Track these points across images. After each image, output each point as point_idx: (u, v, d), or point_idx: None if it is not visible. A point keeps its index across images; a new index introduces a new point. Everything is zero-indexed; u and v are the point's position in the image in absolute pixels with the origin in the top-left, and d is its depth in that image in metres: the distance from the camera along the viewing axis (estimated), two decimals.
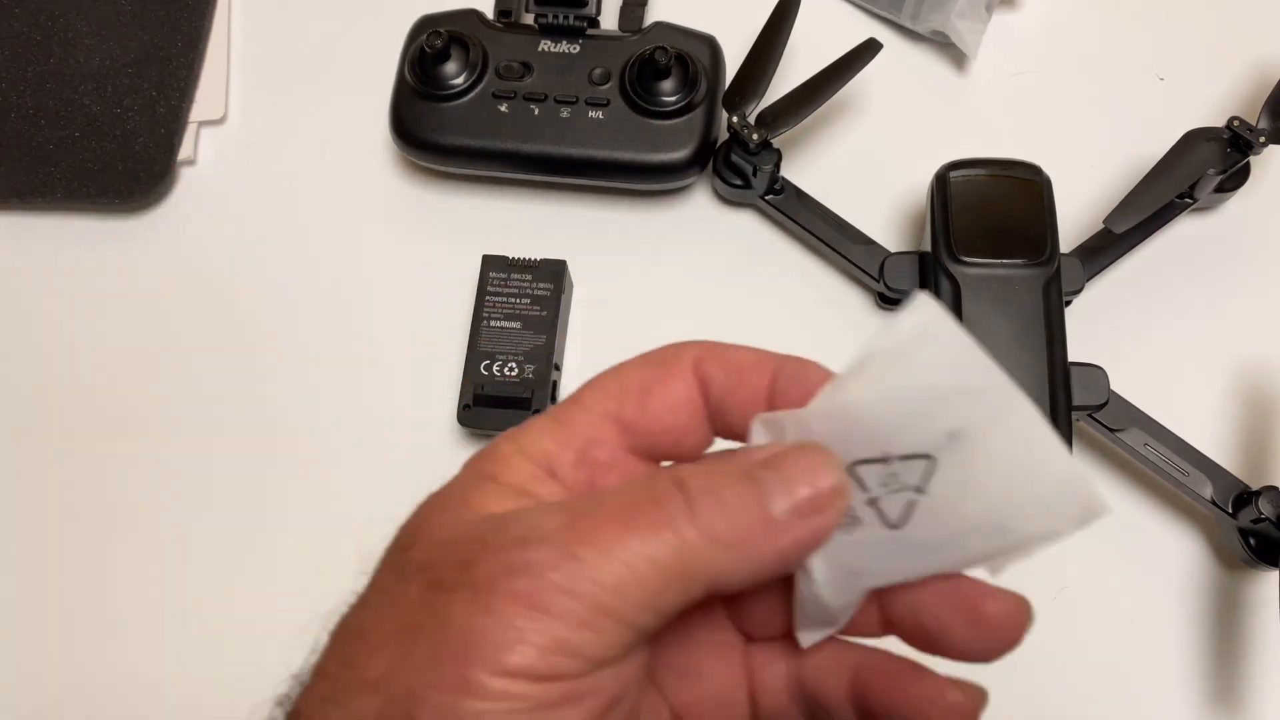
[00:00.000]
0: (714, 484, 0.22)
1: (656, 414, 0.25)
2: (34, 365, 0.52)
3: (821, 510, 0.22)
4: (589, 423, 0.25)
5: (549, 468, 0.24)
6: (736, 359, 0.25)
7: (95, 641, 0.48)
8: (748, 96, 0.51)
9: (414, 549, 0.23)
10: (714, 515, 0.21)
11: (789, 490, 0.22)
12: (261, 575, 0.48)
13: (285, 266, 0.54)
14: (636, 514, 0.21)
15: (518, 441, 0.24)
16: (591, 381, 0.25)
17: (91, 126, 0.55)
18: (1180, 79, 0.56)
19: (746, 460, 0.23)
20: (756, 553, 0.22)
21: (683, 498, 0.22)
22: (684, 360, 0.25)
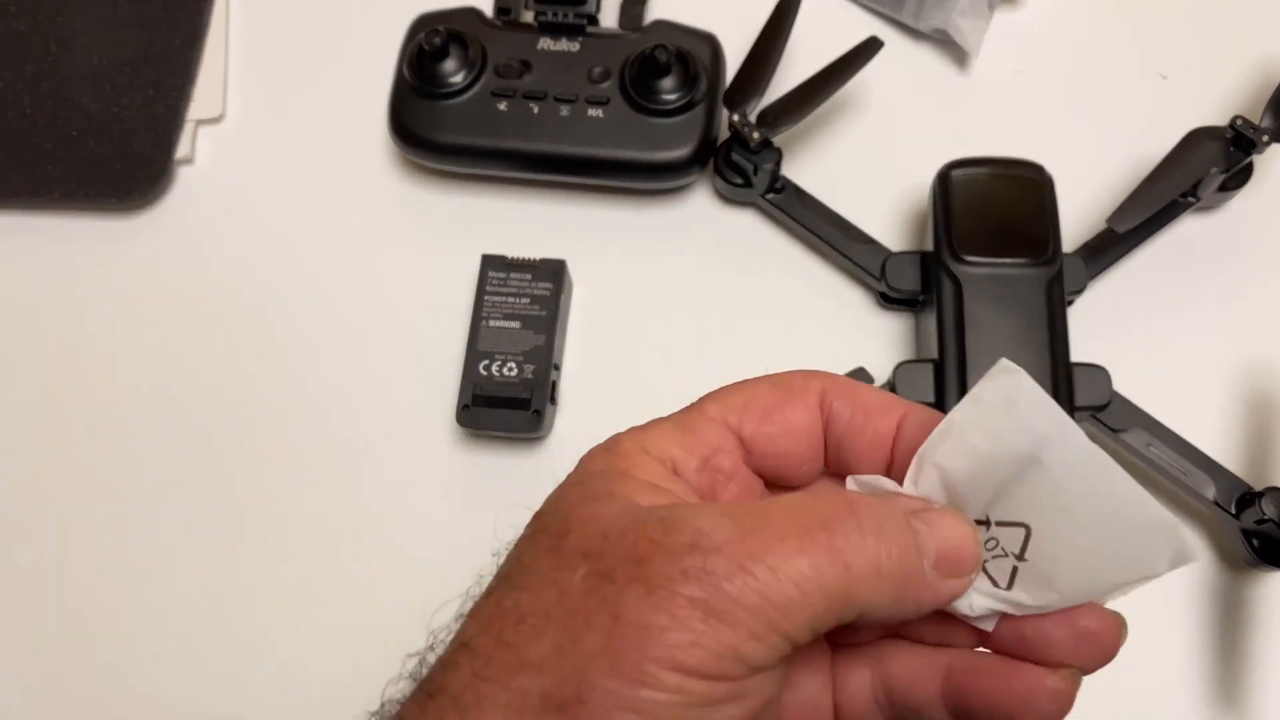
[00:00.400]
0: (883, 520, 0.23)
1: (777, 437, 0.26)
2: (32, 365, 0.52)
3: (961, 575, 0.24)
4: (713, 433, 0.26)
5: (674, 469, 0.25)
6: (865, 400, 0.26)
7: (95, 638, 0.47)
8: (749, 95, 0.50)
9: (571, 536, 0.23)
10: (882, 551, 0.23)
11: (939, 548, 0.24)
12: (260, 574, 0.48)
13: (283, 266, 0.54)
14: (808, 536, 0.22)
15: (642, 442, 0.25)
16: (717, 393, 0.27)
17: (89, 125, 0.55)
18: (1183, 78, 0.56)
19: (907, 505, 0.24)
20: (911, 597, 0.24)
21: (855, 524, 0.23)
22: (811, 390, 0.26)
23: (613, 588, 0.22)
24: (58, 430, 0.51)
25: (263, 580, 0.48)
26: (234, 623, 0.47)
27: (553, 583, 0.23)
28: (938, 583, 0.24)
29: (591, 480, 0.25)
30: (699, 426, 0.26)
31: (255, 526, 0.49)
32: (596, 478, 0.25)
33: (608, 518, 0.23)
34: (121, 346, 0.52)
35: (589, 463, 0.26)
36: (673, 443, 0.25)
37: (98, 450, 0.50)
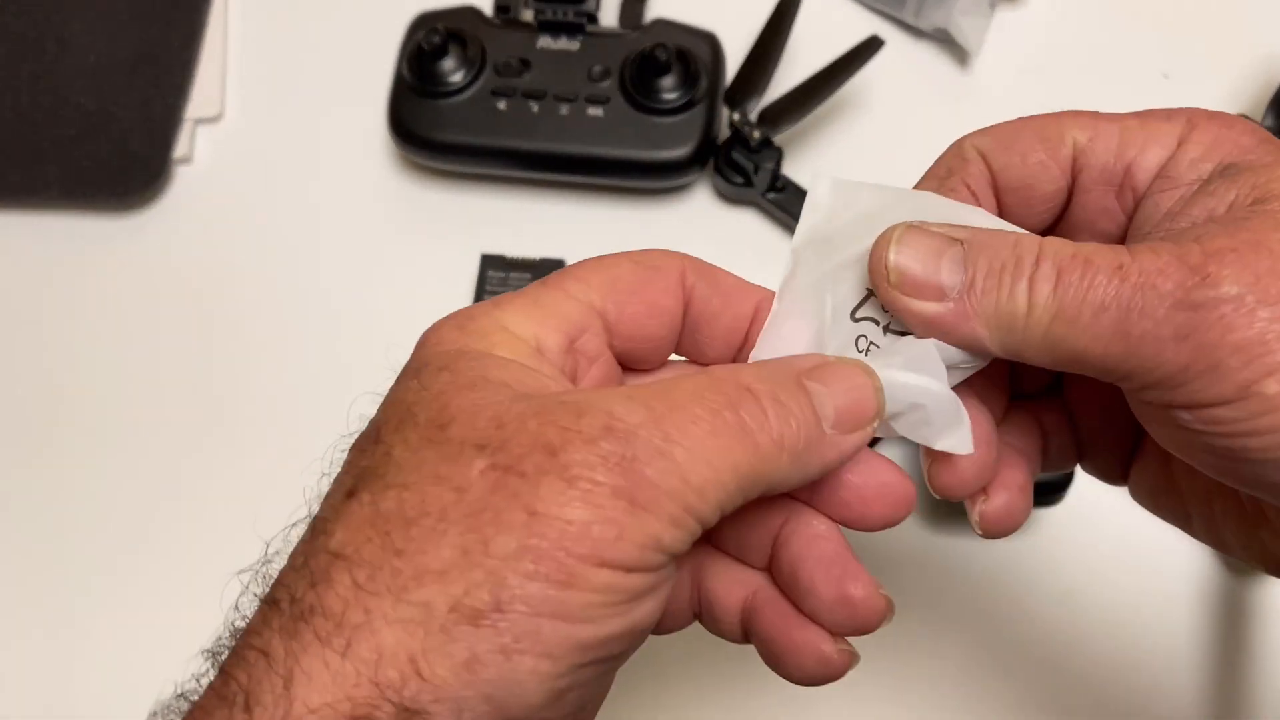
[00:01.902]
0: (778, 392, 0.22)
1: (642, 319, 0.25)
2: (29, 364, 0.52)
3: (861, 427, 0.23)
4: (577, 312, 0.24)
5: (538, 349, 0.24)
6: (724, 283, 0.26)
7: (94, 636, 0.47)
8: (749, 94, 0.50)
9: (454, 426, 0.21)
10: (784, 425, 0.22)
11: (836, 406, 0.23)
12: None
13: (282, 265, 0.53)
14: (718, 417, 0.21)
15: (499, 319, 0.24)
16: (575, 270, 0.25)
17: (87, 124, 0.55)
18: (1185, 77, 0.56)
19: (799, 366, 0.23)
20: (813, 462, 0.23)
21: (756, 404, 0.22)
22: (673, 269, 0.25)
23: (523, 481, 0.20)
24: (55, 429, 0.51)
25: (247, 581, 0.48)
26: None
27: (443, 479, 0.20)
28: (839, 440, 0.23)
29: (458, 364, 0.22)
30: (561, 306, 0.24)
31: (254, 526, 0.49)
32: (461, 360, 0.22)
33: (498, 405, 0.21)
34: (119, 345, 0.52)
35: (439, 342, 0.23)
36: (533, 321, 0.24)
37: (96, 449, 0.50)
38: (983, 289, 0.23)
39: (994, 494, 0.27)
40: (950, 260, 0.23)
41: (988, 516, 0.26)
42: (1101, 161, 0.25)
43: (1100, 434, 0.29)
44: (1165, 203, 0.24)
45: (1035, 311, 0.22)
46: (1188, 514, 0.28)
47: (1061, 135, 0.25)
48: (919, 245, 0.24)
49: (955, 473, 0.26)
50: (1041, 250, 0.23)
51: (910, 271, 0.23)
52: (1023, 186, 0.25)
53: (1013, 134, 0.26)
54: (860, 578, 0.24)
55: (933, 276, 0.23)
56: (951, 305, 0.23)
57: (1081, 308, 0.22)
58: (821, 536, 0.25)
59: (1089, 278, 0.22)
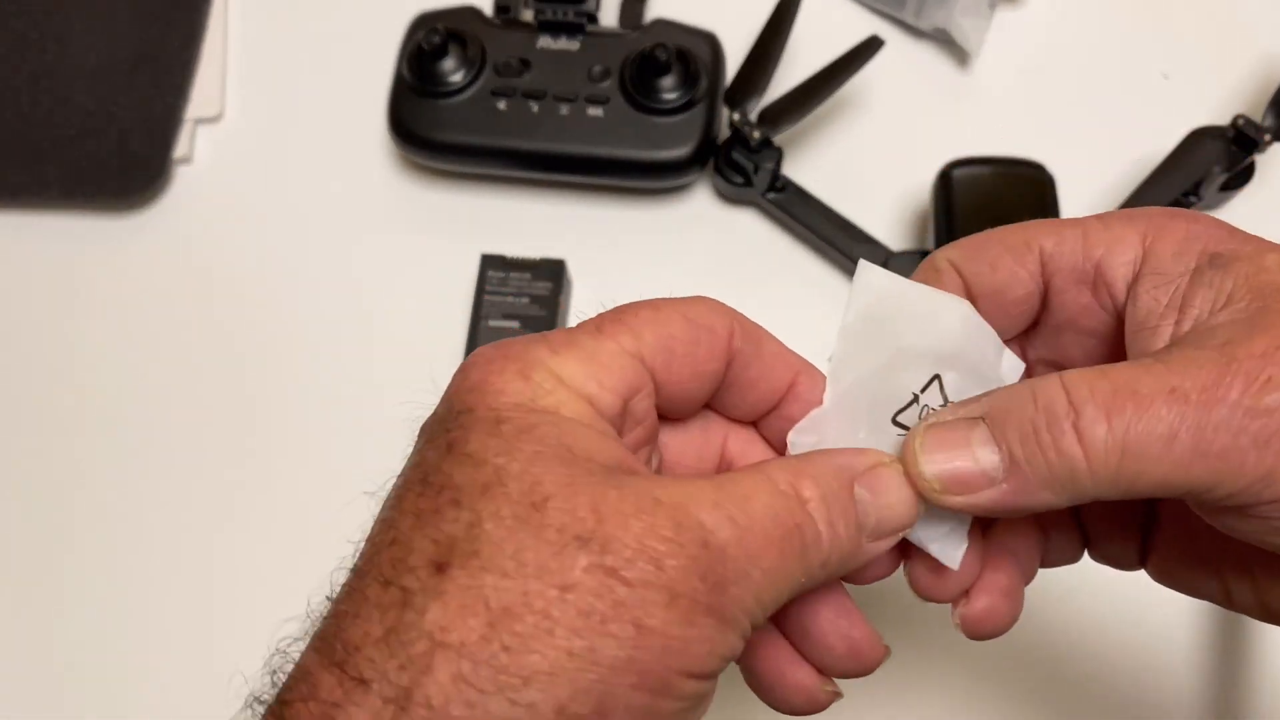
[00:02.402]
0: (834, 515, 0.23)
1: (683, 381, 0.25)
2: (30, 363, 0.52)
3: (891, 540, 0.25)
4: (631, 371, 0.24)
5: (596, 408, 0.23)
6: (769, 351, 0.26)
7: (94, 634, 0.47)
8: (749, 94, 0.50)
9: (550, 509, 0.21)
10: (832, 548, 0.23)
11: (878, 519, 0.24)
12: (258, 574, 0.48)
13: (282, 265, 0.53)
14: (787, 541, 0.23)
15: (556, 371, 0.23)
16: (626, 319, 0.24)
17: (87, 124, 0.55)
18: (1185, 77, 0.56)
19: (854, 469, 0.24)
20: (844, 571, 0.24)
21: (814, 528, 0.23)
22: (723, 331, 0.25)
23: (629, 591, 0.20)
24: (55, 429, 0.51)
25: (260, 580, 0.48)
26: (230, 619, 0.47)
27: (546, 573, 0.20)
28: (870, 547, 0.24)
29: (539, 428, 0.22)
30: (618, 363, 0.24)
31: (253, 524, 0.49)
32: (538, 423, 0.22)
33: (592, 488, 0.21)
34: (119, 345, 0.52)
35: (504, 389, 0.23)
36: (592, 379, 0.23)
37: (96, 448, 0.50)
38: (1027, 457, 0.23)
39: (975, 597, 0.27)
40: (980, 443, 0.23)
41: (969, 619, 0.27)
42: (1070, 263, 0.26)
43: (1110, 522, 0.29)
44: (1162, 296, 0.24)
45: (1096, 456, 0.22)
46: (1224, 588, 0.28)
47: (1027, 243, 0.26)
48: (944, 441, 0.24)
49: (938, 581, 0.27)
50: (1071, 394, 0.22)
51: (948, 472, 0.24)
52: (994, 293, 0.26)
53: (980, 245, 0.27)
54: (864, 629, 0.26)
55: (972, 467, 0.23)
56: (1005, 486, 0.23)
57: (1149, 441, 0.21)
58: (827, 593, 0.26)
59: (1145, 410, 0.21)
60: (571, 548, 0.20)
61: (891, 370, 0.26)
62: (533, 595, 0.20)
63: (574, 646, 0.20)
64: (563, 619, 0.20)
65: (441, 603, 0.20)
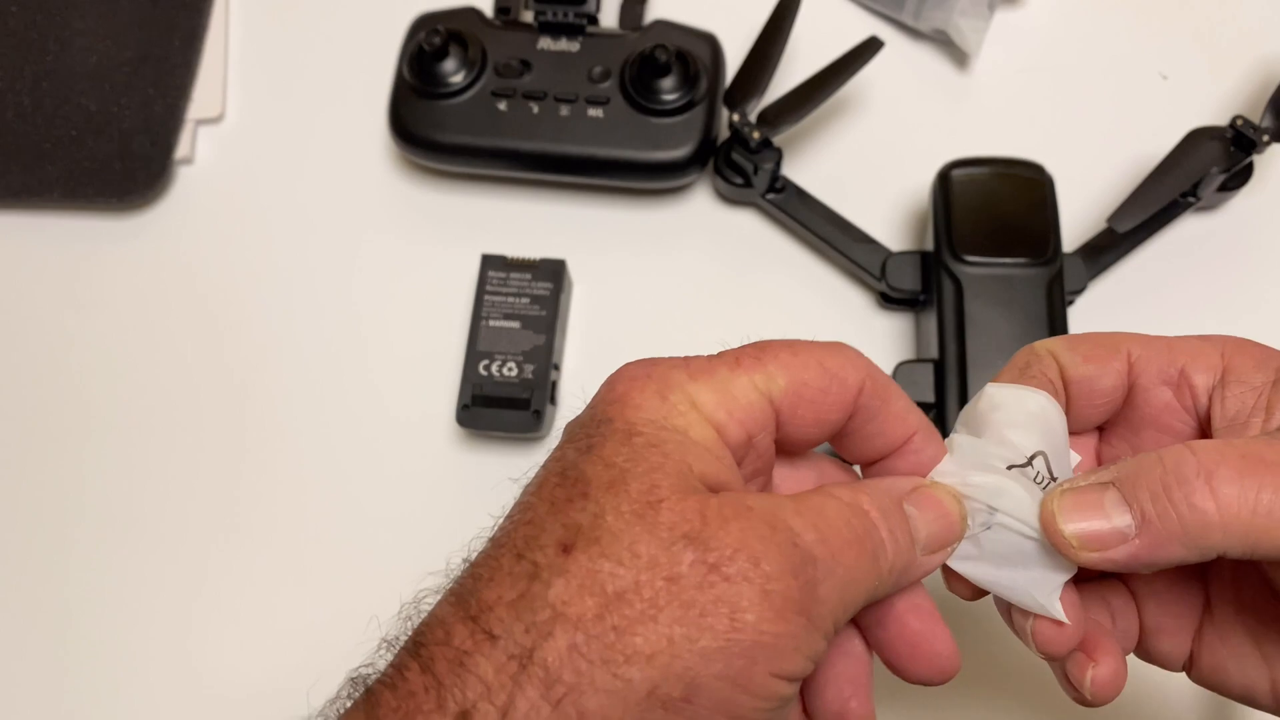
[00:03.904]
0: (891, 523, 0.26)
1: (806, 425, 0.27)
2: (31, 364, 0.52)
3: (944, 550, 0.27)
4: (759, 408, 0.26)
5: (722, 435, 0.25)
6: (893, 409, 0.28)
7: (94, 638, 0.47)
8: (749, 94, 0.50)
9: (665, 509, 0.23)
10: (896, 554, 0.25)
11: (929, 532, 0.26)
12: (260, 574, 0.48)
13: (283, 266, 0.54)
14: (859, 544, 0.25)
15: (692, 397, 0.25)
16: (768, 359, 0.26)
17: (89, 125, 0.55)
18: (1183, 77, 0.56)
19: (901, 490, 0.27)
20: (904, 581, 0.26)
21: (878, 534, 0.25)
22: (854, 386, 0.27)
23: (727, 586, 0.22)
24: (57, 429, 0.51)
25: (261, 580, 0.48)
26: (232, 621, 0.47)
27: (657, 565, 0.22)
28: (925, 560, 0.27)
29: (667, 444, 0.24)
30: (748, 398, 0.26)
31: (254, 526, 0.49)
32: (667, 440, 0.24)
33: (701, 498, 0.23)
34: (121, 346, 0.52)
35: (642, 405, 0.25)
36: (721, 408, 0.25)
37: (97, 450, 0.50)
38: (1159, 513, 0.24)
39: (1101, 659, 0.28)
40: (1113, 504, 0.25)
41: (1098, 681, 0.28)
42: (1156, 366, 0.29)
43: (1165, 617, 0.30)
44: (1249, 400, 0.27)
45: (1229, 511, 0.24)
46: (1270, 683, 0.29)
47: (1116, 344, 0.29)
48: (1078, 503, 0.26)
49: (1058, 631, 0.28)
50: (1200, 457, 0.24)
51: (1087, 532, 0.25)
52: (1086, 380, 0.29)
53: (1077, 340, 0.30)
54: (864, 705, 0.27)
55: (1107, 525, 0.25)
56: (1137, 542, 0.25)
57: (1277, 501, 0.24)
58: (852, 655, 0.28)
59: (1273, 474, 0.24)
60: (680, 544, 0.23)
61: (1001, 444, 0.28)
62: (643, 584, 0.22)
63: (674, 634, 0.22)
64: (667, 608, 0.22)
65: (565, 580, 0.22)
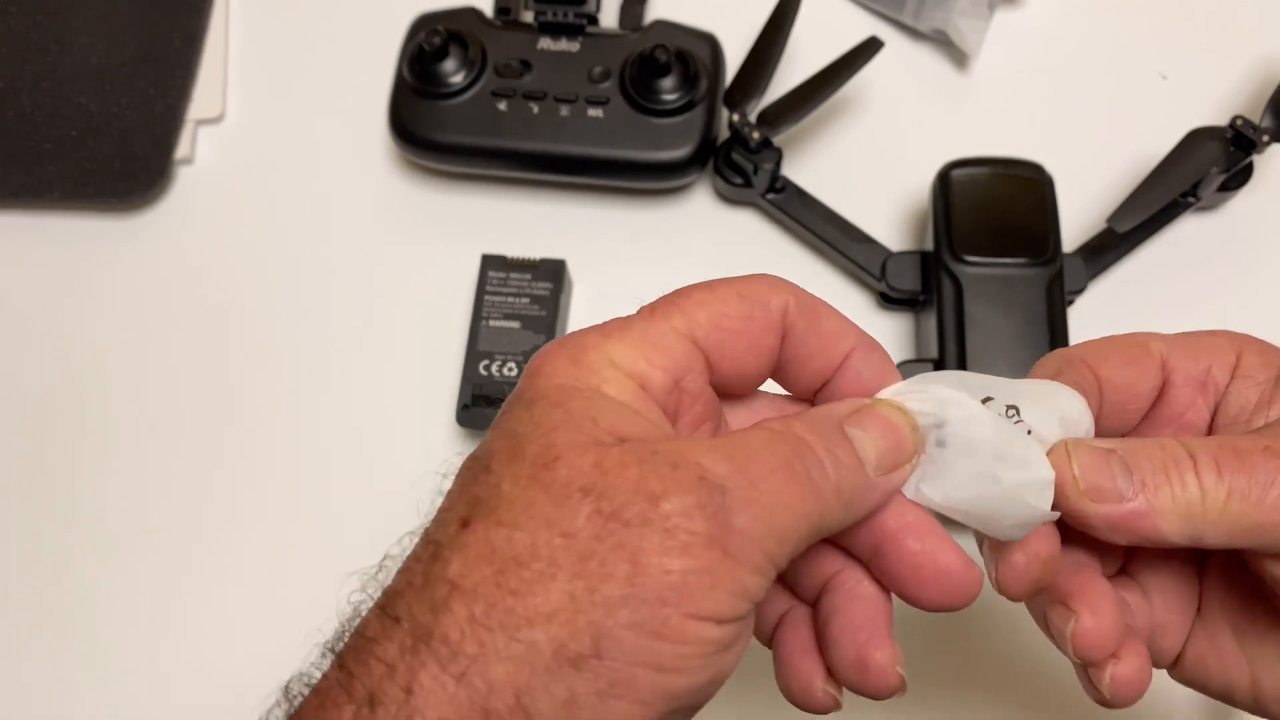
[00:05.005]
0: (830, 444, 0.24)
1: (738, 357, 0.26)
2: (31, 364, 0.52)
3: (900, 466, 0.25)
4: (682, 350, 0.25)
5: (644, 386, 0.24)
6: (825, 326, 0.27)
7: (93, 638, 0.47)
8: (749, 94, 0.50)
9: (560, 466, 0.22)
10: (839, 474, 0.24)
11: (878, 450, 0.25)
12: (261, 575, 0.48)
13: (283, 266, 0.54)
14: (790, 468, 0.23)
15: (608, 354, 0.24)
16: (680, 302, 0.26)
17: (89, 125, 0.55)
18: (1183, 78, 0.56)
19: (839, 414, 0.25)
20: (860, 505, 0.25)
21: (814, 455, 0.24)
22: (777, 306, 0.26)
23: (626, 531, 0.21)
24: (56, 429, 0.51)
25: (261, 580, 0.48)
26: (231, 623, 0.47)
27: (553, 523, 0.21)
28: (882, 481, 0.25)
29: (571, 402, 0.23)
30: (668, 342, 0.25)
31: (255, 526, 0.49)
32: (573, 397, 0.24)
33: (600, 448, 0.22)
34: (121, 346, 0.52)
35: (554, 373, 0.24)
36: (640, 358, 0.24)
37: (96, 450, 0.50)
38: (1155, 485, 0.26)
39: (1124, 656, 0.28)
40: (1118, 465, 0.26)
41: (1119, 679, 0.27)
42: (1186, 366, 0.29)
43: (1170, 614, 0.31)
44: (1252, 396, 0.28)
45: (1210, 497, 0.25)
46: (1250, 680, 0.29)
47: (1147, 346, 0.29)
48: (1089, 454, 0.26)
49: (1099, 632, 0.27)
50: (1189, 448, 0.26)
51: (1094, 481, 0.26)
52: (1127, 385, 0.29)
53: (1110, 344, 0.30)
54: (884, 649, 0.25)
55: (1110, 482, 0.26)
56: (1133, 505, 0.26)
57: (1250, 487, 0.25)
58: (864, 598, 0.26)
59: (1245, 461, 0.25)
60: (575, 498, 0.22)
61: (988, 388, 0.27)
62: (540, 544, 0.21)
63: (574, 589, 0.21)
64: (565, 564, 0.21)
65: (463, 554, 0.22)
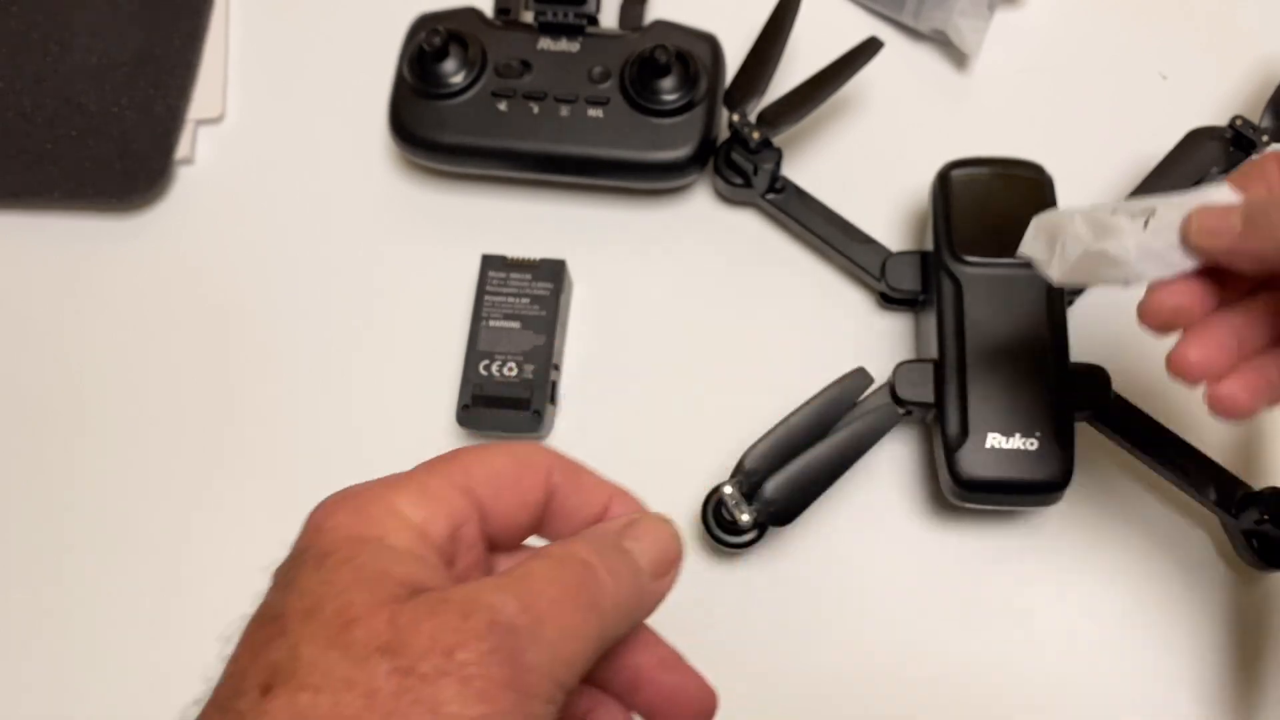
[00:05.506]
0: (609, 560, 0.26)
1: (510, 510, 0.27)
2: (32, 364, 0.52)
3: (670, 572, 0.27)
4: (459, 503, 0.26)
5: (425, 535, 0.25)
6: (583, 482, 0.29)
7: (92, 638, 0.47)
8: (748, 95, 0.50)
9: (358, 627, 0.23)
10: (618, 590, 0.26)
11: (651, 559, 0.27)
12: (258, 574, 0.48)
13: (283, 266, 0.54)
14: (571, 596, 0.24)
15: (390, 504, 0.25)
16: (458, 461, 0.27)
17: (89, 125, 0.55)
18: (1183, 78, 0.56)
19: (615, 529, 0.27)
20: (639, 612, 0.27)
21: (595, 576, 0.25)
22: (542, 467, 0.28)
23: (424, 685, 0.22)
24: (57, 429, 0.51)
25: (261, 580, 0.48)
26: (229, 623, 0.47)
27: (353, 684, 0.22)
28: (655, 586, 0.27)
29: (359, 556, 0.24)
30: (446, 495, 0.26)
31: (254, 526, 0.49)
32: (361, 550, 0.24)
33: (395, 605, 0.23)
34: (121, 346, 0.52)
35: (338, 526, 0.25)
36: (421, 509, 0.26)
37: (96, 450, 0.50)
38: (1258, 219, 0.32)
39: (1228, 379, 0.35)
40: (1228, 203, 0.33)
41: (1212, 395, 0.35)
42: None
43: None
44: None
45: None
46: None
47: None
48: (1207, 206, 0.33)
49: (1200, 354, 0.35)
50: None
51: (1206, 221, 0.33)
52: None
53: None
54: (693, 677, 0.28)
55: (1221, 222, 0.33)
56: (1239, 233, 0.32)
57: None
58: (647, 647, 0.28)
59: None
60: (374, 659, 0.22)
61: None
62: (343, 706, 0.22)
63: None
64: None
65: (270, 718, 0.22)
